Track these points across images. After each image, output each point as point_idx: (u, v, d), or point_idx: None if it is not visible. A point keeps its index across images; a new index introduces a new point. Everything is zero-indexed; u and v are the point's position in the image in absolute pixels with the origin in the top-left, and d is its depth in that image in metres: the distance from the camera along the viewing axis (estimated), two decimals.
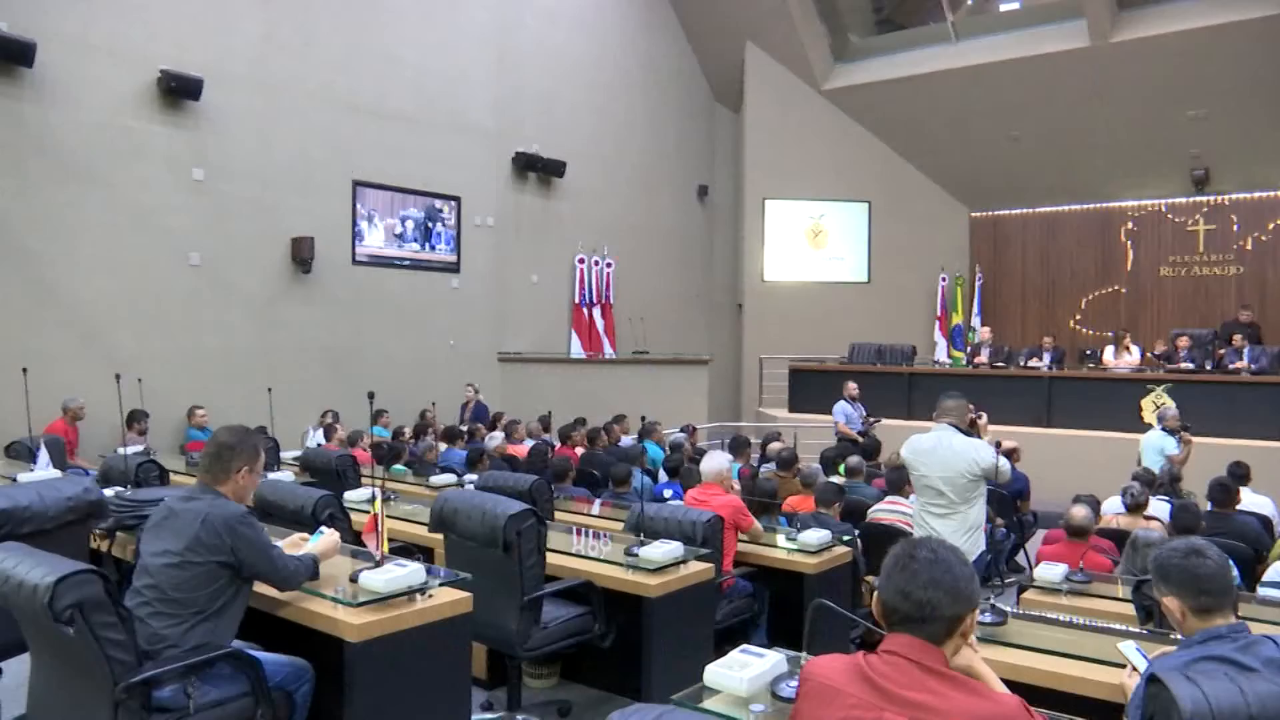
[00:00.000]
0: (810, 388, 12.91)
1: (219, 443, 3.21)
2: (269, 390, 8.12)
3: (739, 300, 16.24)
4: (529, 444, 8.83)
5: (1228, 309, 13.63)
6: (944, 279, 15.54)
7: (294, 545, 3.51)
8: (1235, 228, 14.04)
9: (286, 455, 7.86)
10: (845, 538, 5.28)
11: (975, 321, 15.31)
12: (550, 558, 4.17)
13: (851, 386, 10.94)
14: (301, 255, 10.59)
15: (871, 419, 10.75)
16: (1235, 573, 4.45)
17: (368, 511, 3.52)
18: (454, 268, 12.38)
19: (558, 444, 8.96)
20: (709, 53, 15.96)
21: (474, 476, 6.49)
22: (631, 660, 4.16)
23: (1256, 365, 10.56)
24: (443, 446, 8.57)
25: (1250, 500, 6.45)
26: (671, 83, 15.66)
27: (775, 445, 8.38)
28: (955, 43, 13.91)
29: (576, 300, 13.93)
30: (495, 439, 8.53)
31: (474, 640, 3.71)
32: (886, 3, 15.62)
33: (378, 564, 3.39)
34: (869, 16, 15.60)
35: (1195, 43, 11.90)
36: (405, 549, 4.51)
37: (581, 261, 13.90)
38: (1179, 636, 2.42)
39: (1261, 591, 4.33)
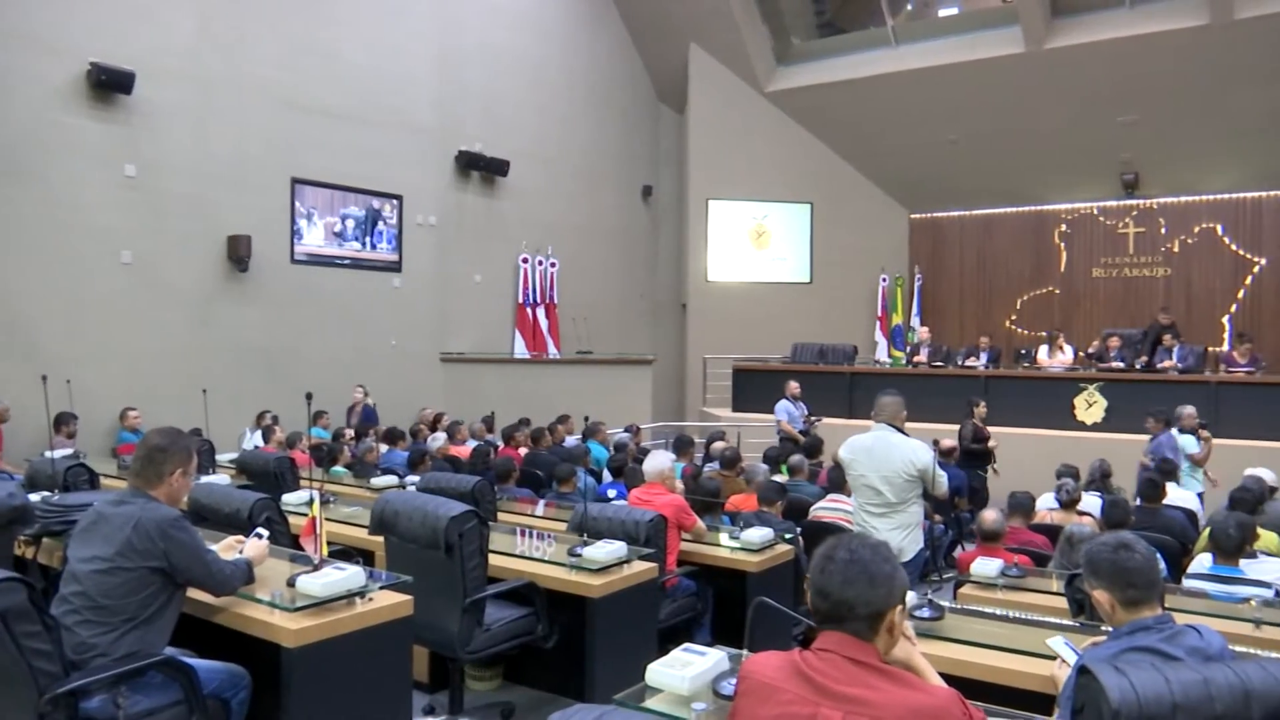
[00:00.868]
0: (753, 387, 13.01)
1: (150, 445, 3.12)
2: (204, 391, 7.94)
3: (683, 300, 16.31)
4: (471, 445, 8.77)
5: (1156, 309, 14.05)
6: (884, 279, 15.78)
7: (228, 548, 3.45)
8: (1163, 230, 14.48)
9: (222, 458, 7.70)
10: (787, 536, 5.33)
11: (915, 321, 15.58)
12: (493, 559, 4.16)
13: (793, 385, 11.04)
14: (238, 253, 10.37)
15: (813, 418, 10.87)
16: (1163, 566, 4.60)
17: (306, 514, 3.46)
18: (395, 267, 12.23)
19: (501, 445, 8.91)
20: (653, 53, 15.99)
21: (415, 478, 6.42)
22: (575, 661, 4.15)
23: (1184, 364, 10.91)
24: (384, 448, 8.47)
25: (1176, 495, 6.67)
26: (615, 83, 15.67)
27: (719, 445, 8.43)
28: (895, 47, 14.13)
29: (520, 300, 13.86)
30: (437, 440, 8.46)
31: (415, 643, 3.67)
32: (828, 6, 15.81)
33: (316, 567, 3.35)
34: (811, 20, 15.77)
35: (1126, 50, 12.25)
36: (345, 552, 4.44)
37: (525, 261, 13.83)
38: (1109, 628, 2.49)
39: (1187, 583, 4.46)
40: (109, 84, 9.26)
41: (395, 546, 4.11)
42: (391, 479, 6.63)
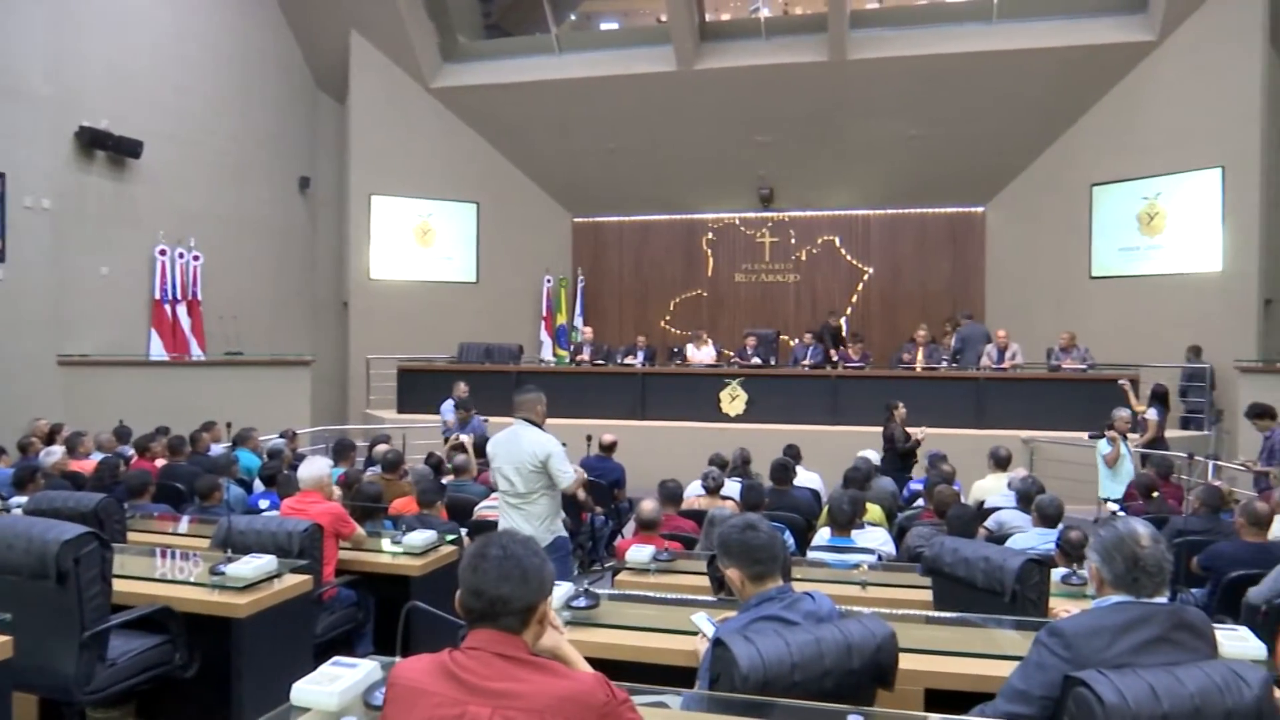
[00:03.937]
0: (420, 388, 12.80)
1: None
2: None
3: (344, 298, 15.65)
4: (97, 458, 7.81)
5: (788, 312, 15.71)
6: (549, 280, 16.19)
7: None
8: (793, 241, 16.18)
9: None
10: (450, 537, 5.29)
11: (578, 321, 16.14)
12: (122, 584, 3.74)
13: (462, 387, 10.98)
14: None
15: (481, 417, 10.86)
16: (791, 541, 5.12)
17: None
18: None
19: (134, 456, 8.03)
20: (310, 37, 15.15)
21: (23, 499, 5.61)
22: (220, 689, 3.83)
23: (812, 362, 12.29)
24: None
25: (803, 477, 7.48)
26: (268, 65, 14.65)
27: (381, 447, 8.19)
28: (558, 55, 14.51)
29: (157, 296, 12.51)
30: (53, 454, 7.43)
31: (18, 691, 3.21)
32: (494, 8, 15.91)
33: None
34: (477, 19, 15.80)
35: (762, 77, 13.52)
36: None
37: (163, 253, 12.52)
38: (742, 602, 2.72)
39: (810, 554, 5.02)
40: None
41: None
42: None
